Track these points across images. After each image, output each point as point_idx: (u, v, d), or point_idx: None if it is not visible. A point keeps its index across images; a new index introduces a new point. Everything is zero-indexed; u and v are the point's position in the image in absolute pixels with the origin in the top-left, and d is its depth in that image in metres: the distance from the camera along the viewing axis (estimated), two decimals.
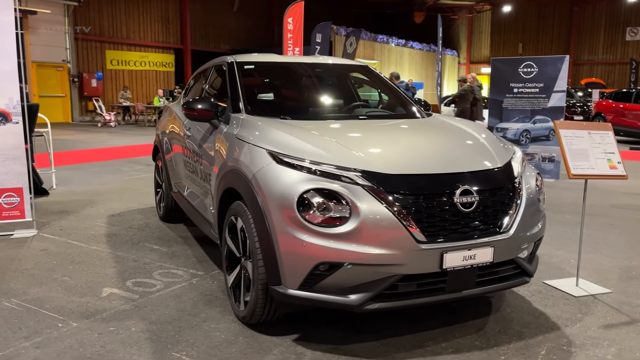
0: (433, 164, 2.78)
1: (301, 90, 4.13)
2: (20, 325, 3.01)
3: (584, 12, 33.33)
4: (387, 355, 2.71)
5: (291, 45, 13.78)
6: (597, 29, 33.15)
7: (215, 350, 2.75)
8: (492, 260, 2.71)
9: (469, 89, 11.96)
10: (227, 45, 28.20)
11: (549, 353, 2.73)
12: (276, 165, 2.74)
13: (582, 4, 33.03)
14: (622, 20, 32.39)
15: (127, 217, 5.56)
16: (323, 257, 2.54)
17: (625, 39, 32.42)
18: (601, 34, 33.11)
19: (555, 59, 8.03)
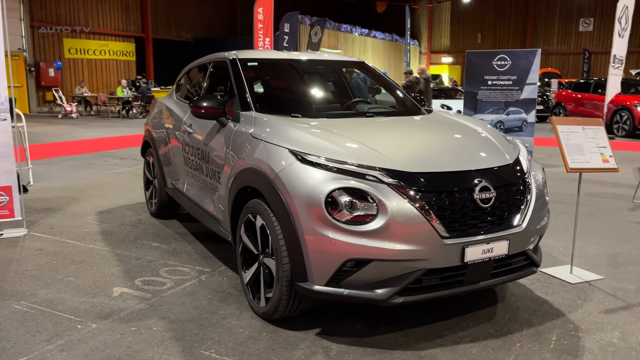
0: (452, 162, 2.89)
1: (305, 87, 4.17)
2: (38, 328, 2.99)
3: (540, 3, 34.26)
4: (410, 346, 2.82)
5: (262, 35, 13.71)
6: (552, 20, 34.16)
7: (242, 347, 2.80)
8: (508, 253, 2.85)
9: (415, 80, 12.31)
10: (190, 34, 27.75)
11: (560, 339, 2.90)
12: (300, 165, 2.80)
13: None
14: (576, 11, 33.47)
15: (117, 213, 5.50)
16: (351, 254, 2.62)
17: (578, 30, 33.54)
18: (556, 24, 34.13)
19: (527, 52, 8.30)
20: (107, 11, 23.61)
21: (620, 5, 12.86)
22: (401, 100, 4.20)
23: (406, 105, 4.12)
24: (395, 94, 4.28)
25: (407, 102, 4.15)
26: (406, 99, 4.19)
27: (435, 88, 18.12)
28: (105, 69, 24.01)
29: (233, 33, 30.09)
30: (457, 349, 2.79)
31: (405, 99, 4.19)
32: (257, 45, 13.52)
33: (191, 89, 4.75)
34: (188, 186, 4.36)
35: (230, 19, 30.21)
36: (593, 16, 33.20)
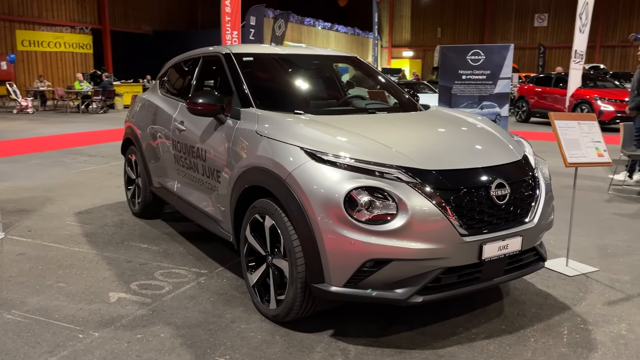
0: (466, 159, 2.88)
1: (303, 83, 4.09)
2: (36, 339, 2.82)
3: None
4: (427, 344, 2.80)
5: (229, 28, 13.47)
6: (509, 16, 34.97)
7: (257, 351, 2.72)
8: (521, 249, 2.86)
9: None
10: (149, 27, 27.08)
11: (571, 332, 2.94)
12: (315, 163, 2.73)
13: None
14: (531, 7, 34.37)
15: (97, 214, 5.28)
16: (371, 254, 2.57)
17: (534, 25, 34.46)
18: (512, 20, 34.96)
19: (500, 47, 8.42)
20: (62, 1, 22.78)
21: (581, 2, 13.20)
22: (397, 96, 4.17)
23: (402, 101, 4.10)
24: (391, 90, 4.25)
25: (403, 98, 4.13)
26: (402, 94, 4.17)
27: (401, 82, 18.24)
28: (60, 62, 23.19)
29: (194, 26, 29.55)
30: (474, 346, 2.79)
31: (401, 95, 4.16)
32: (224, 38, 13.27)
33: (179, 85, 4.59)
34: (179, 185, 4.22)
35: (190, 12, 29.66)
36: (547, 12, 34.16)
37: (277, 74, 3.97)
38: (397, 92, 4.22)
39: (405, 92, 4.23)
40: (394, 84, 4.31)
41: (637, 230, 4.89)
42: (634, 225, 5.07)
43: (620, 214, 5.47)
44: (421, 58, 37.22)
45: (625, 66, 32.07)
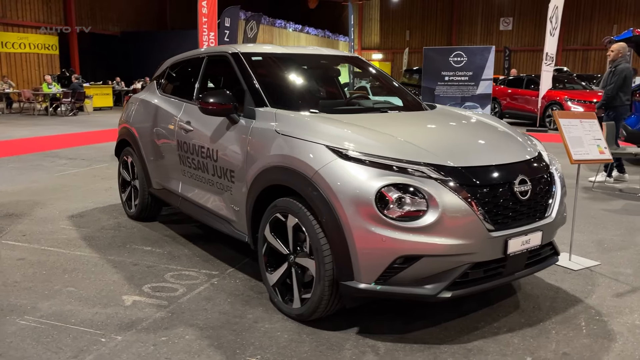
0: (489, 155, 2.94)
1: (313, 82, 4.10)
2: (57, 345, 2.75)
3: (463, 2, 35.66)
4: (453, 339, 2.84)
5: (206, 29, 13.35)
6: (475, 19, 35.66)
7: (287, 350, 2.71)
8: (541, 244, 2.94)
9: None
10: (117, 28, 26.54)
11: (588, 323, 3.03)
12: (343, 161, 2.74)
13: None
14: (497, 11, 35.13)
15: (91, 217, 5.16)
16: (403, 250, 2.60)
17: (499, 29, 35.22)
18: (479, 23, 35.66)
19: (482, 49, 8.61)
20: (27, 2, 22.12)
21: (552, 6, 13.60)
22: (402, 96, 4.21)
23: (408, 100, 4.14)
24: (397, 90, 4.29)
25: (409, 98, 4.18)
26: (407, 94, 4.22)
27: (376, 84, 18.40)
28: (25, 63, 22.48)
29: (163, 27, 29.13)
30: (498, 340, 2.85)
31: (406, 95, 4.21)
32: (201, 39, 13.16)
33: (182, 85, 4.53)
34: (185, 186, 4.16)
35: (159, 12, 29.24)
36: (512, 16, 34.97)
37: (286, 74, 3.97)
38: (402, 91, 4.26)
39: (411, 92, 4.29)
40: (398, 83, 4.36)
41: (627, 225, 5.06)
42: (623, 220, 5.24)
43: (608, 210, 5.65)
44: (390, 60, 37.60)
45: (587, 69, 33.12)
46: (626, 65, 7.07)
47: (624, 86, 6.97)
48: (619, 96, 6.97)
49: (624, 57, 7.23)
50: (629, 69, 7.01)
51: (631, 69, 7.13)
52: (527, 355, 2.69)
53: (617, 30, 33.40)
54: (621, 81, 6.91)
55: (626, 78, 6.96)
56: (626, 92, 7.00)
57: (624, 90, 6.97)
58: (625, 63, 7.12)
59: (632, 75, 7.10)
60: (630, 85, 7.16)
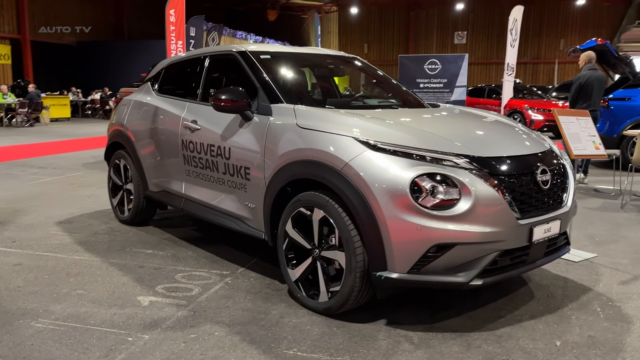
0: (510, 147, 3.02)
1: (320, 80, 4.12)
2: (83, 345, 2.65)
3: (419, 16, 36.61)
4: (481, 327, 2.90)
5: (174, 38, 13.19)
6: (431, 33, 36.64)
7: (322, 343, 2.70)
8: (559, 232, 3.04)
9: None
10: (72, 37, 25.87)
11: (604, 309, 3.15)
12: (374, 153, 2.77)
13: (417, 9, 36.26)
14: (451, 25, 36.22)
15: (80, 223, 5.00)
16: (437, 239, 2.64)
17: (454, 42, 36.27)
18: (434, 37, 36.64)
19: (456, 57, 8.85)
20: None
21: (511, 19, 14.10)
22: (404, 95, 4.29)
23: (409, 100, 4.22)
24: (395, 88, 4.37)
25: (410, 97, 4.26)
26: (409, 94, 4.30)
27: None
28: None
29: (119, 37, 28.58)
30: (524, 326, 2.92)
31: (408, 94, 4.29)
32: (169, 48, 12.97)
33: (184, 85, 4.47)
34: (189, 186, 4.09)
35: (116, 22, 28.70)
36: (466, 30, 36.09)
37: (295, 72, 3.98)
38: (404, 91, 4.34)
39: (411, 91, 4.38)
40: (399, 82, 4.44)
41: (611, 221, 5.28)
42: (606, 216, 5.47)
43: (590, 208, 5.87)
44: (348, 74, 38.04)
45: (537, 81, 34.47)
46: (584, 73, 7.29)
47: (582, 94, 7.18)
48: (579, 103, 7.12)
49: (587, 65, 7.41)
50: (584, 77, 7.21)
51: (594, 76, 7.24)
52: (555, 339, 2.76)
53: (564, 44, 35.03)
54: (574, 89, 7.20)
55: (582, 86, 7.19)
56: (585, 99, 7.11)
57: (582, 97, 7.14)
58: (588, 71, 7.32)
59: (592, 83, 7.19)
60: (591, 93, 7.21)
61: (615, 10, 33.62)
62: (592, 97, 7.19)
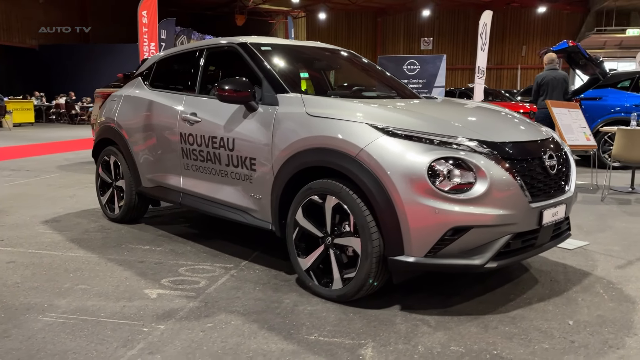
0: (518, 133, 3.09)
1: (319, 72, 4.13)
2: (99, 337, 2.57)
3: (386, 22, 37.06)
4: (493, 310, 2.94)
5: (147, 40, 13.00)
6: (398, 38, 37.12)
7: (342, 327, 2.70)
8: (564, 216, 3.13)
9: None
10: (35, 41, 25.21)
11: (607, 291, 3.24)
12: (389, 139, 2.79)
13: (384, 15, 36.70)
14: (417, 31, 36.77)
15: (68, 222, 4.86)
16: (454, 222, 2.67)
17: (420, 48, 36.81)
18: (401, 42, 37.13)
19: (434, 58, 9.01)
20: None
21: (481, 23, 14.43)
22: (400, 87, 4.34)
23: (405, 93, 4.27)
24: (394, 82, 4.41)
25: (407, 91, 4.31)
26: (405, 88, 4.35)
27: None
28: None
29: (84, 40, 28.00)
30: (534, 308, 2.98)
31: (405, 88, 4.35)
32: (142, 50, 12.78)
33: (180, 78, 4.41)
34: (188, 180, 4.03)
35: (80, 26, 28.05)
36: (432, 36, 36.70)
37: (295, 63, 3.98)
38: (399, 84, 4.39)
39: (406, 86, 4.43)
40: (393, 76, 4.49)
41: (595, 212, 5.45)
42: (589, 208, 5.63)
43: None
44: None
45: (500, 85, 35.26)
46: (542, 73, 8.14)
47: (541, 92, 8.00)
48: (538, 101, 8.00)
49: (548, 66, 8.21)
50: (541, 77, 8.07)
51: (550, 76, 8.00)
52: (567, 319, 2.83)
53: (526, 50, 36.03)
54: (534, 88, 8.12)
55: (539, 85, 8.05)
56: (545, 97, 7.82)
57: (542, 95, 7.93)
58: (547, 71, 8.12)
59: (549, 82, 7.95)
60: (547, 91, 7.92)
61: (574, 17, 34.74)
62: (549, 95, 7.83)
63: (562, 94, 8.03)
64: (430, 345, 2.52)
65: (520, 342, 2.56)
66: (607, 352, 2.47)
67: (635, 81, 9.01)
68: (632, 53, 29.35)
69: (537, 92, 8.18)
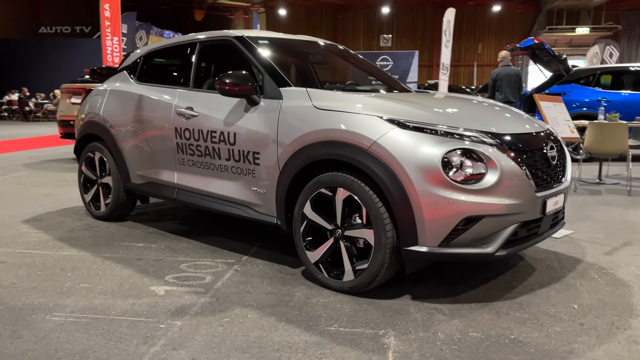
0: (519, 125, 3.18)
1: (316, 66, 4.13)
2: (116, 335, 2.52)
3: (346, 19, 37.23)
4: (501, 297, 3.03)
5: (109, 34, 12.67)
6: (358, 35, 37.35)
7: (358, 318, 2.73)
8: (563, 205, 3.25)
9: None
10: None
11: (601, 276, 3.39)
12: (402, 131, 2.83)
13: (344, 12, 36.85)
14: (377, 28, 37.09)
15: (51, 220, 4.71)
16: (468, 212, 2.74)
17: (380, 45, 37.17)
18: (361, 39, 37.37)
19: (407, 54, 9.19)
20: None
21: (445, 20, 14.73)
22: (391, 82, 4.40)
23: (396, 86, 4.33)
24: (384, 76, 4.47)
25: (397, 84, 4.38)
26: (395, 81, 4.42)
27: None
28: None
29: (35, 35, 26.99)
30: (538, 294, 3.09)
31: (395, 81, 4.41)
32: (104, 44, 12.46)
33: (170, 72, 4.34)
34: (183, 175, 3.96)
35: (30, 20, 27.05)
36: (391, 33, 37.11)
37: (293, 57, 3.97)
38: (390, 78, 4.45)
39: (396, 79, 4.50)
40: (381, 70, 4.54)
41: (572, 203, 5.60)
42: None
43: None
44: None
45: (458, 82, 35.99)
46: (496, 70, 9.09)
47: (496, 87, 8.91)
48: (495, 96, 8.81)
49: (502, 62, 9.14)
50: (495, 73, 9.02)
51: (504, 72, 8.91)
52: (571, 303, 2.95)
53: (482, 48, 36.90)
54: (490, 84, 9.00)
55: (494, 80, 8.95)
56: (500, 91, 8.85)
57: (497, 90, 8.88)
58: (501, 68, 9.06)
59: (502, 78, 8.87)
60: (501, 86, 8.88)
61: (527, 16, 35.78)
62: (504, 90, 8.80)
63: (516, 89, 8.74)
64: (450, 332, 2.58)
65: (533, 326, 2.66)
66: (616, 333, 2.59)
67: (597, 77, 9.39)
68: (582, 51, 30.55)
69: (493, 88, 9.02)
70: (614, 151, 6.06)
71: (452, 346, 2.44)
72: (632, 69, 9.82)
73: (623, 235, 4.36)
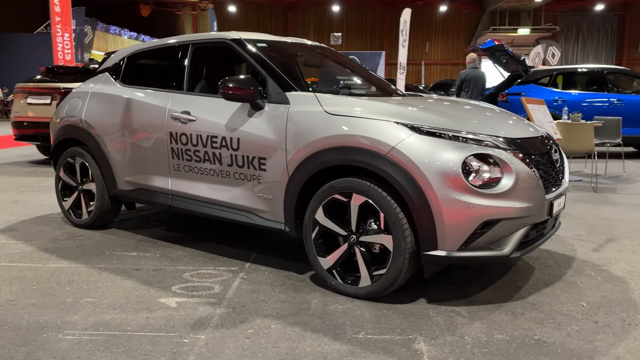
0: (524, 130, 3.26)
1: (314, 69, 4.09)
2: (141, 352, 2.42)
3: (296, 16, 37.14)
4: (511, 297, 3.11)
5: (60, 30, 12.13)
6: (308, 33, 37.29)
7: (382, 324, 2.73)
8: (564, 206, 3.36)
9: None
10: None
11: (597, 272, 3.53)
12: (420, 137, 2.85)
13: (294, 10, 36.77)
14: (327, 26, 37.21)
15: (27, 230, 4.47)
16: (487, 215, 2.79)
17: (330, 43, 37.30)
18: (311, 37, 37.26)
19: (374, 54, 9.42)
20: None
21: (402, 20, 14.97)
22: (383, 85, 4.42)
23: (388, 89, 4.36)
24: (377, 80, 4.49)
25: (389, 87, 4.41)
26: (387, 83, 4.45)
27: None
28: None
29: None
30: (544, 293, 3.18)
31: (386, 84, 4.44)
32: (55, 41, 11.92)
33: (161, 75, 4.19)
34: (178, 181, 3.84)
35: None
36: (341, 31, 37.32)
37: (293, 60, 3.92)
38: (382, 81, 4.48)
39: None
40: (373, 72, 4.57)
41: None
42: None
43: None
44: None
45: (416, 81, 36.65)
46: (465, 71, 9.45)
47: (463, 87, 9.33)
48: (461, 95, 9.20)
49: (470, 64, 9.51)
50: (465, 74, 9.40)
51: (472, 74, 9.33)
52: (579, 301, 3.06)
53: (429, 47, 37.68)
54: (458, 84, 9.44)
55: (463, 81, 9.36)
56: (470, 93, 9.22)
57: (464, 90, 9.30)
58: (470, 69, 9.43)
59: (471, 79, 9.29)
60: (473, 87, 9.28)
61: (471, 17, 36.81)
62: (472, 91, 9.20)
63: (480, 90, 9.05)
64: (475, 335, 2.62)
65: (551, 326, 2.74)
66: (630, 330, 2.71)
67: (553, 78, 9.78)
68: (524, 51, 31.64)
69: (460, 88, 9.40)
70: (580, 150, 6.33)
71: (483, 349, 2.49)
72: (586, 70, 10.30)
73: (603, 232, 4.56)
